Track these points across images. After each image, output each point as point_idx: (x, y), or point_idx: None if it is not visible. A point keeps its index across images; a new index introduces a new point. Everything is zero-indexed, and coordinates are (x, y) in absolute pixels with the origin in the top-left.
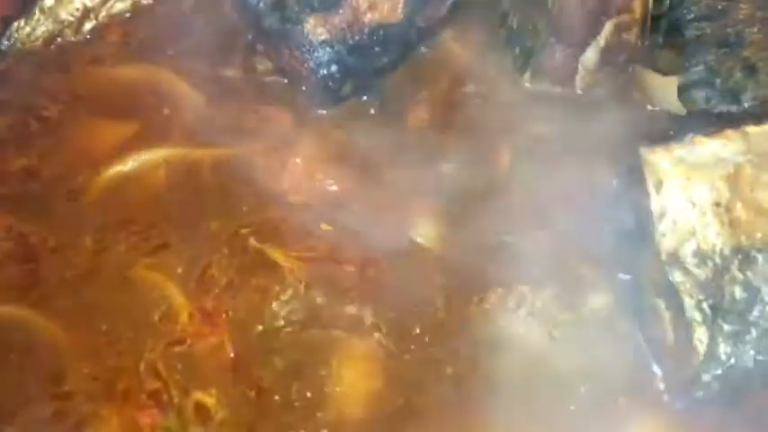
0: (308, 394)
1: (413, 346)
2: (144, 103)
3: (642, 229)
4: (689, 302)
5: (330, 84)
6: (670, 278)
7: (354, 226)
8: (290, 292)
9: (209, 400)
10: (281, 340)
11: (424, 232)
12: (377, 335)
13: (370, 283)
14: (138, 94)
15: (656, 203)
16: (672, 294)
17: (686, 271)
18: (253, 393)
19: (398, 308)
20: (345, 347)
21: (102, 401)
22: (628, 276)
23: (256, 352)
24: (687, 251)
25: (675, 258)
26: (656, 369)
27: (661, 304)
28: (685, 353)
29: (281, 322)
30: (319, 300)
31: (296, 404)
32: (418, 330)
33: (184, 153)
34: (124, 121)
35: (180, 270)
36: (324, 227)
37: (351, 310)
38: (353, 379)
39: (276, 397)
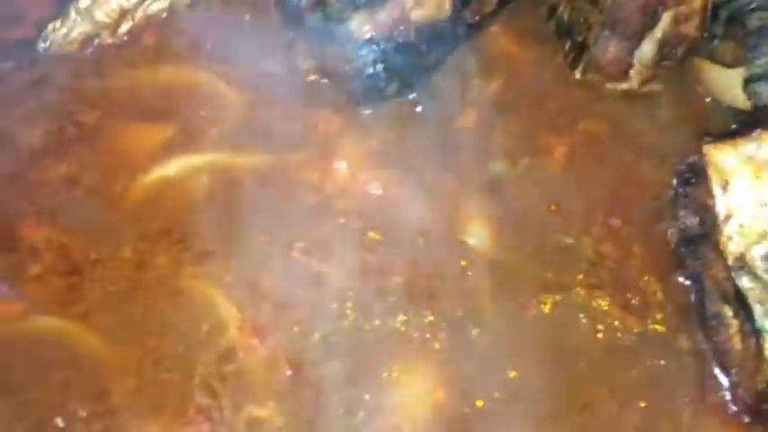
0: (367, 398)
1: (470, 353)
2: (183, 105)
3: (706, 232)
4: (759, 310)
5: (376, 83)
6: (738, 284)
7: (402, 233)
8: (340, 305)
9: (263, 413)
10: (334, 352)
11: (476, 235)
12: (433, 342)
13: (421, 293)
14: (177, 97)
15: (721, 204)
16: (740, 301)
17: (755, 276)
18: (309, 403)
19: (452, 315)
20: (402, 356)
21: (150, 418)
22: (690, 282)
23: (309, 364)
24: (756, 255)
25: (743, 263)
26: (723, 380)
27: (728, 312)
28: (755, 363)
29: (333, 335)
30: (370, 312)
31: (355, 412)
32: (474, 336)
33: (226, 159)
34: (163, 125)
35: (227, 280)
36: (371, 235)
37: (402, 319)
38: (412, 386)
39: (334, 406)
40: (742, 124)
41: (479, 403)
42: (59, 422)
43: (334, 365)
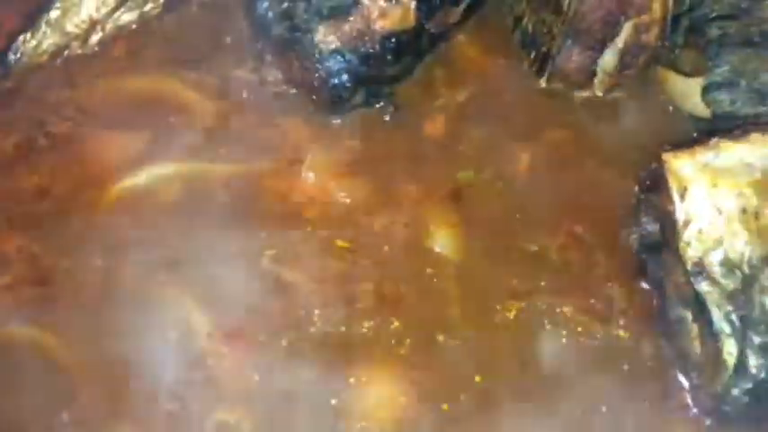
0: (333, 402)
1: (436, 358)
2: (154, 114)
3: (666, 237)
4: (717, 314)
5: (341, 93)
6: (697, 288)
7: (370, 241)
8: (307, 312)
9: (231, 418)
10: (302, 358)
11: (443, 243)
12: (399, 348)
13: (388, 299)
14: (148, 106)
15: (680, 211)
16: (699, 305)
17: (714, 281)
18: (277, 408)
19: (418, 321)
20: (368, 361)
21: (119, 425)
22: (652, 287)
23: (278, 370)
24: (714, 260)
25: (702, 268)
26: (684, 381)
27: (688, 316)
28: (714, 366)
29: (302, 342)
30: (338, 318)
31: (322, 416)
32: (441, 342)
33: (196, 167)
34: (134, 134)
35: (196, 289)
36: (340, 244)
37: (370, 326)
38: (378, 391)
39: (301, 411)
40: (702, 132)
41: (445, 407)
42: (30, 429)
43: (302, 371)
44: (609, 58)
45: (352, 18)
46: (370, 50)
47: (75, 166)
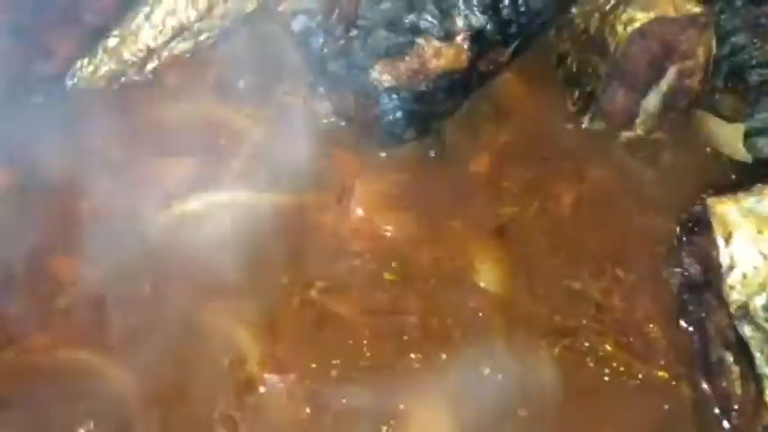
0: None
1: (482, 392)
2: (205, 141)
3: (709, 279)
4: (760, 357)
5: (394, 129)
6: (740, 331)
7: (416, 274)
8: (356, 343)
9: None
10: (351, 389)
11: (487, 278)
12: (445, 381)
13: (434, 332)
14: (199, 133)
15: (725, 255)
16: (741, 348)
17: (757, 325)
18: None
19: (464, 355)
20: (416, 393)
21: None
22: (693, 328)
23: (328, 400)
24: (758, 305)
25: (745, 312)
26: (724, 423)
27: (729, 358)
28: (755, 408)
29: (351, 372)
30: (385, 352)
31: None
32: (486, 376)
33: (247, 196)
34: (185, 161)
35: (247, 317)
36: (387, 277)
37: (417, 358)
38: (426, 423)
39: None
40: (742, 176)
41: None
42: None
43: (351, 402)
44: (652, 100)
45: (407, 57)
46: (424, 89)
47: (128, 191)
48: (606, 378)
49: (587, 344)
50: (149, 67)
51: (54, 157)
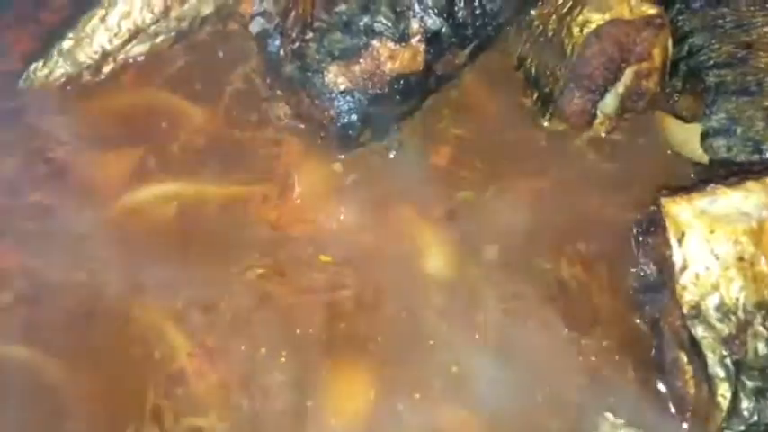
0: (308, 404)
1: (412, 355)
2: (153, 133)
3: (664, 280)
4: (712, 357)
5: (350, 132)
6: (693, 332)
7: (355, 256)
8: (286, 322)
9: (206, 423)
10: (278, 364)
11: (431, 258)
12: (373, 346)
13: (367, 305)
14: (146, 127)
15: (678, 255)
16: (694, 348)
17: (709, 325)
18: (252, 407)
19: (396, 323)
20: (340, 360)
21: None
22: (649, 327)
23: (257, 381)
24: (710, 305)
25: (698, 312)
26: (682, 424)
27: (683, 357)
28: (708, 407)
29: (280, 349)
30: (315, 325)
31: (297, 415)
32: (418, 340)
33: (195, 189)
34: (129, 152)
35: (179, 308)
36: (323, 258)
37: (346, 328)
38: (350, 388)
39: (277, 413)
40: (700, 177)
41: (417, 396)
42: None
43: (278, 376)
44: (610, 102)
45: (362, 60)
46: (379, 91)
47: (75, 186)
48: (544, 343)
49: (530, 310)
50: (105, 69)
51: (1, 153)
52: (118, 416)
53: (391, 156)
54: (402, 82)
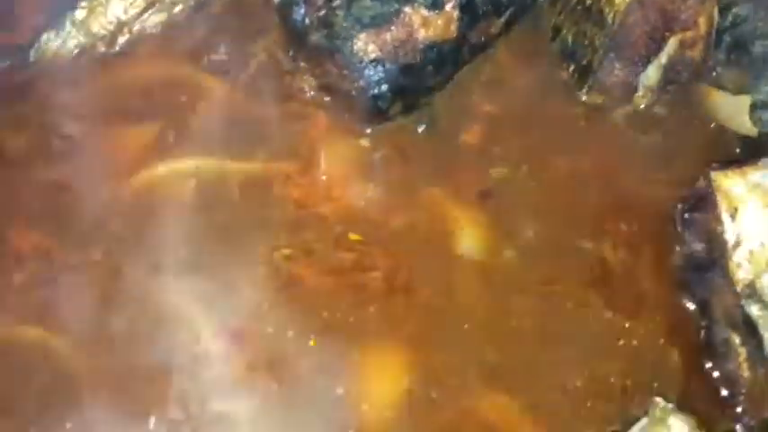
0: (339, 391)
1: (447, 339)
2: (172, 109)
3: (714, 258)
4: None
5: (379, 104)
6: (747, 311)
7: (386, 237)
8: (313, 304)
9: (232, 407)
10: (307, 348)
11: (466, 242)
12: (407, 330)
13: (398, 287)
14: (166, 101)
15: (730, 232)
16: (748, 328)
17: (765, 304)
18: (281, 392)
19: (429, 305)
20: (372, 345)
21: (121, 430)
22: (696, 306)
23: (286, 364)
24: (765, 283)
25: (753, 291)
26: (736, 408)
27: (736, 338)
28: (764, 390)
29: (308, 332)
30: (344, 308)
31: (325, 400)
32: (452, 324)
33: (216, 165)
34: (150, 129)
35: (202, 289)
36: (352, 237)
37: (377, 310)
38: (383, 373)
39: (307, 397)
40: (746, 150)
41: (452, 382)
42: (34, 428)
43: (307, 361)
44: (652, 73)
45: (393, 27)
46: (411, 61)
47: (91, 163)
48: (585, 327)
49: (570, 293)
50: (120, 40)
51: (14, 127)
52: (140, 400)
53: (420, 131)
54: (435, 51)
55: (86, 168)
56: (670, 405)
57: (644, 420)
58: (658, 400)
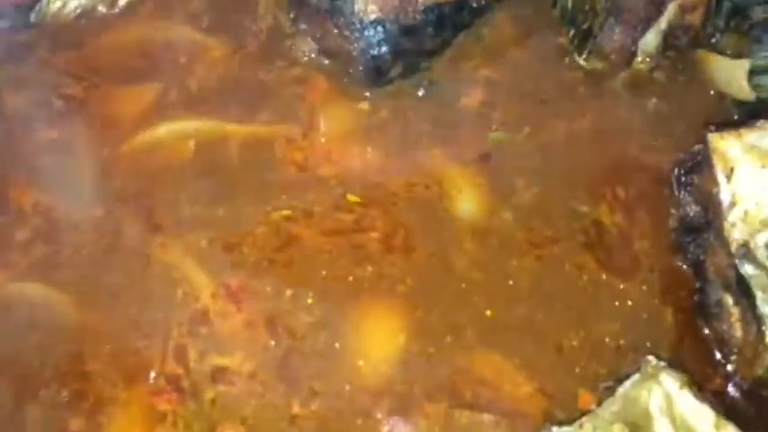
0: (336, 346)
1: (443, 297)
2: (173, 68)
3: (709, 219)
4: (761, 296)
5: (380, 65)
6: (741, 271)
7: (384, 199)
8: (312, 263)
9: (232, 362)
10: (304, 305)
11: (463, 205)
12: (403, 288)
13: (396, 247)
14: (166, 60)
15: (726, 192)
16: (742, 288)
17: (759, 264)
18: (279, 348)
19: (426, 265)
20: (371, 302)
21: (122, 384)
22: (690, 268)
23: (283, 321)
24: (760, 243)
25: (747, 250)
26: (727, 367)
27: (729, 299)
28: (754, 349)
29: (306, 289)
30: (342, 267)
31: (323, 356)
32: (448, 282)
33: (215, 126)
34: (151, 88)
35: (201, 247)
36: (351, 198)
37: (374, 269)
38: (379, 329)
39: (304, 352)
40: (745, 115)
41: (448, 340)
42: (35, 383)
43: (305, 318)
44: (651, 38)
45: None
46: (412, 22)
47: (91, 122)
48: (580, 288)
49: (566, 254)
50: (121, 2)
51: (15, 86)
52: (139, 355)
53: (420, 95)
54: (436, 12)
55: (87, 127)
56: (662, 363)
57: (636, 376)
58: (650, 357)
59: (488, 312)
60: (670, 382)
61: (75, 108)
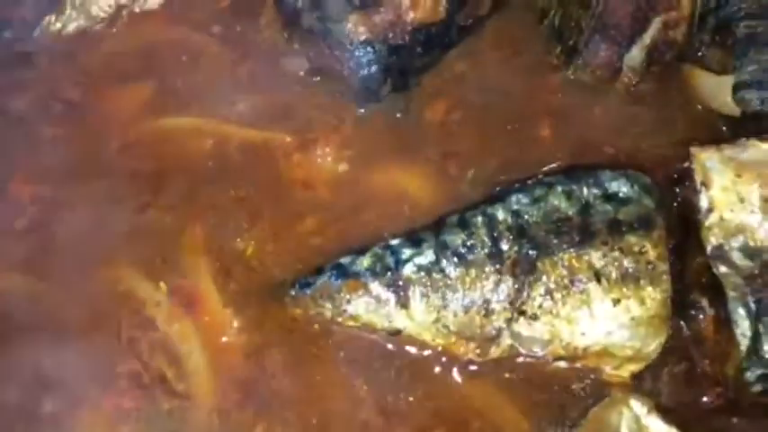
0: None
1: None
2: (169, 68)
3: (689, 226)
4: (733, 295)
5: (370, 84)
6: (715, 272)
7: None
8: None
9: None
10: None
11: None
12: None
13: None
14: (165, 60)
15: (704, 199)
16: (716, 290)
17: (732, 265)
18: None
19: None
20: None
21: (86, 384)
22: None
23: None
24: (734, 246)
25: (722, 252)
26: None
27: (705, 301)
28: (727, 347)
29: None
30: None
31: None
32: None
33: (214, 126)
34: (148, 86)
35: (151, 254)
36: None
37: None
38: None
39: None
40: (730, 131)
41: None
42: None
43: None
44: (636, 54)
45: (383, 9)
46: (400, 42)
47: (90, 123)
48: None
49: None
50: (119, 23)
51: (16, 90)
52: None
53: (406, 112)
54: (424, 33)
55: (84, 126)
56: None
57: (606, 400)
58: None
59: None
60: (638, 407)
61: (75, 110)
